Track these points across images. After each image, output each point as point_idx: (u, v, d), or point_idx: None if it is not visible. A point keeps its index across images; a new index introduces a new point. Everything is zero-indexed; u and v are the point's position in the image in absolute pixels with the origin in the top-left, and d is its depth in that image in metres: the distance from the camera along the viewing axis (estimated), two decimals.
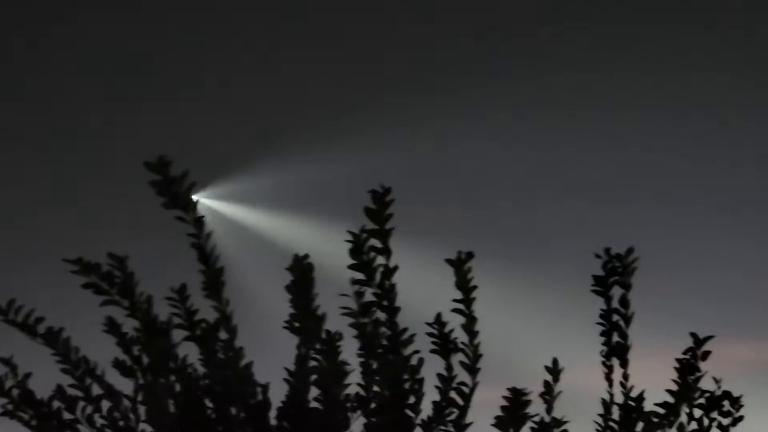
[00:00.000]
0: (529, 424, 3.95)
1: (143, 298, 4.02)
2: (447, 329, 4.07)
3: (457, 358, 4.09)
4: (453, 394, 4.03)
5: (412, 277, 4.19)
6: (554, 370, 4.06)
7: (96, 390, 4.18)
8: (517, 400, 3.88)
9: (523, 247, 9.67)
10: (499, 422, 3.91)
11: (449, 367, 4.08)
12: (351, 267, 3.95)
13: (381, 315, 4.00)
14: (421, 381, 4.03)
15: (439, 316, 4.07)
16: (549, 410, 4.03)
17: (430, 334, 4.07)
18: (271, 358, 4.29)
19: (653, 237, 9.35)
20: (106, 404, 4.18)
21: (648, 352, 4.39)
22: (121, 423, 4.16)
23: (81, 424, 4.15)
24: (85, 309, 4.24)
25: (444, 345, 4.08)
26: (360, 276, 3.95)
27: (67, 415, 4.15)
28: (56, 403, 4.16)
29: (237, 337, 3.96)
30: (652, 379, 4.22)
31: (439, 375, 4.09)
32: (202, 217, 3.88)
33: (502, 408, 3.91)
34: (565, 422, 4.01)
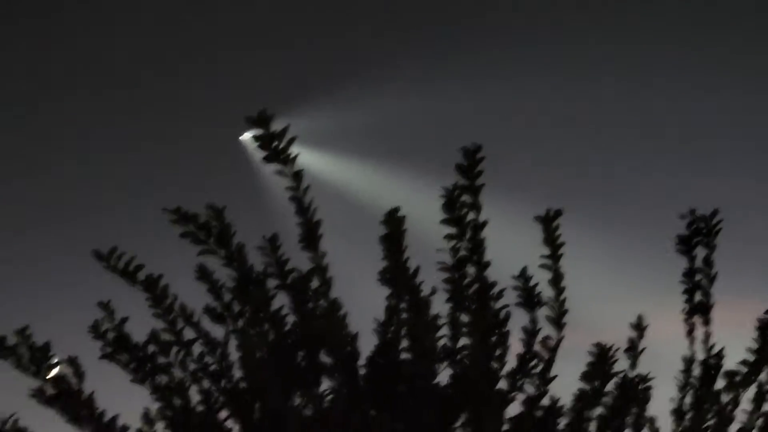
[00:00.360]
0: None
1: (238, 248, 4.10)
2: (532, 283, 4.16)
3: (542, 312, 4.19)
4: (538, 347, 4.13)
5: (496, 233, 4.27)
6: (639, 326, 4.15)
7: (189, 335, 4.30)
8: (603, 355, 3.98)
9: (608, 204, 9.74)
10: (585, 376, 4.02)
11: (533, 321, 4.17)
12: (443, 222, 4.04)
13: (470, 269, 4.10)
14: (507, 334, 4.13)
15: (524, 270, 4.17)
16: (633, 366, 4.13)
17: (516, 288, 4.16)
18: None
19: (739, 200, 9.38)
20: (197, 349, 4.28)
21: (728, 309, 4.48)
22: (212, 368, 4.27)
23: (174, 367, 4.26)
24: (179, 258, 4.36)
25: (529, 299, 4.17)
26: (452, 231, 4.04)
27: (161, 359, 4.27)
28: (151, 348, 4.28)
29: (332, 289, 4.05)
30: (732, 337, 4.31)
31: (524, 328, 4.19)
32: (301, 170, 3.96)
33: (589, 363, 4.01)
34: (649, 379, 4.11)
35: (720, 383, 4.16)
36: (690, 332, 4.22)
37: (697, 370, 4.19)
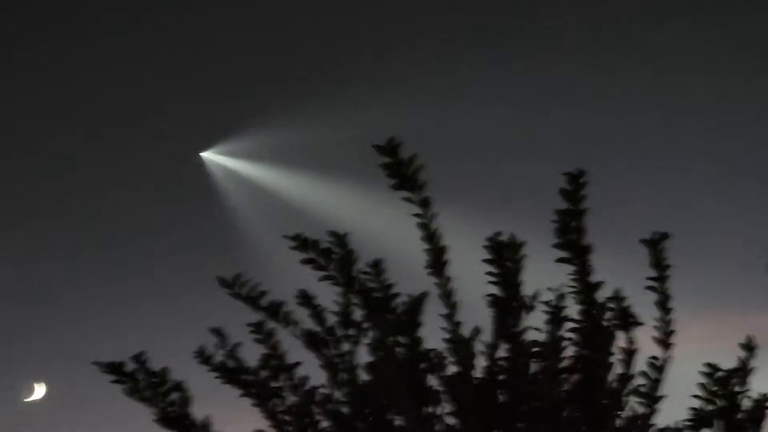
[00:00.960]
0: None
1: (360, 274, 4.19)
2: (625, 304, 4.32)
3: (638, 331, 4.34)
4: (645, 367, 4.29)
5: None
6: (749, 346, 4.31)
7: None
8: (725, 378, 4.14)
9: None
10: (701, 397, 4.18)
11: (631, 341, 4.32)
12: (556, 246, 4.17)
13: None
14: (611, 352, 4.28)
15: (618, 291, 4.32)
16: (742, 385, 4.27)
17: (609, 308, 4.31)
18: None
19: None
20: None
21: None
22: (319, 391, 4.35)
23: (285, 392, 4.34)
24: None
25: (623, 319, 4.33)
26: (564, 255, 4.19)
27: (273, 384, 4.35)
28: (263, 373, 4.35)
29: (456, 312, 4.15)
30: None
31: (623, 349, 4.33)
32: (428, 197, 4.07)
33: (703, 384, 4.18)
34: None
35: None
36: None
37: None
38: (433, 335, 4.27)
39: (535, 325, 4.23)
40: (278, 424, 4.31)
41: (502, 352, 4.24)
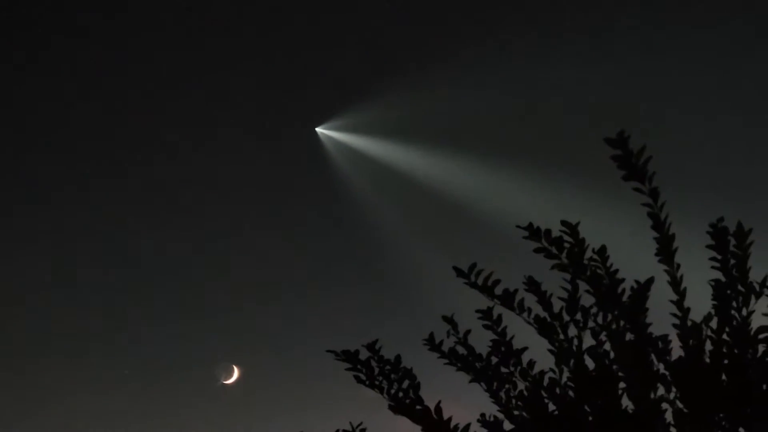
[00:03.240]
0: None
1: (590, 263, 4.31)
2: None
3: None
4: None
5: None
6: None
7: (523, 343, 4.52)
8: None
9: None
10: None
11: None
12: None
13: None
14: None
15: None
16: None
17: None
18: None
19: None
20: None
21: None
22: (548, 376, 4.48)
23: (516, 378, 4.48)
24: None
25: None
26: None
27: (503, 369, 4.49)
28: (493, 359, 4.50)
29: (685, 299, 4.25)
30: None
31: None
32: (657, 188, 4.16)
33: None
34: None
35: None
36: None
37: None
38: (657, 321, 4.38)
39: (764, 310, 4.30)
40: (507, 410, 4.45)
41: (727, 336, 4.33)
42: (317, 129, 13.38)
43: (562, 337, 4.48)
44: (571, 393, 4.42)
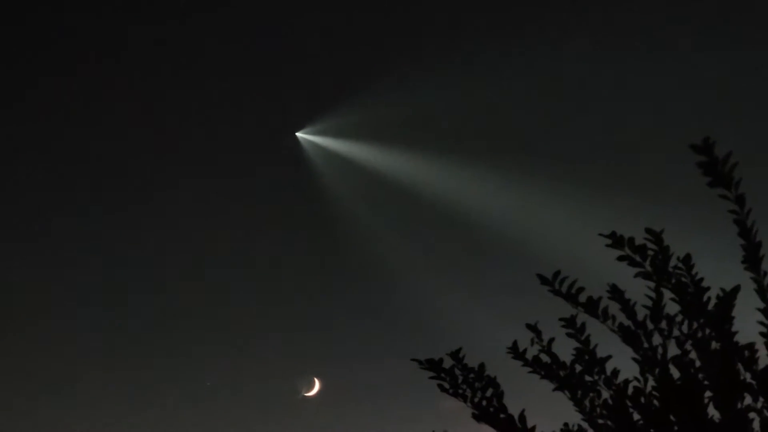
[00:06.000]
0: None
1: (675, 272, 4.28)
2: None
3: None
4: None
5: None
6: None
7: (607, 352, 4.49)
8: None
9: None
10: None
11: None
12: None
13: None
14: None
15: None
16: None
17: None
18: None
19: None
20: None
21: None
22: (632, 385, 4.45)
23: (600, 386, 4.46)
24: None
25: None
26: None
27: (587, 378, 4.47)
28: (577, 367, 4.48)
29: None
30: None
31: None
32: (743, 194, 4.12)
33: None
34: None
35: None
36: None
37: None
38: (743, 329, 4.34)
39: None
40: (592, 419, 4.43)
41: None
42: (297, 134, 13.59)
43: (646, 345, 4.46)
44: (656, 402, 4.39)
